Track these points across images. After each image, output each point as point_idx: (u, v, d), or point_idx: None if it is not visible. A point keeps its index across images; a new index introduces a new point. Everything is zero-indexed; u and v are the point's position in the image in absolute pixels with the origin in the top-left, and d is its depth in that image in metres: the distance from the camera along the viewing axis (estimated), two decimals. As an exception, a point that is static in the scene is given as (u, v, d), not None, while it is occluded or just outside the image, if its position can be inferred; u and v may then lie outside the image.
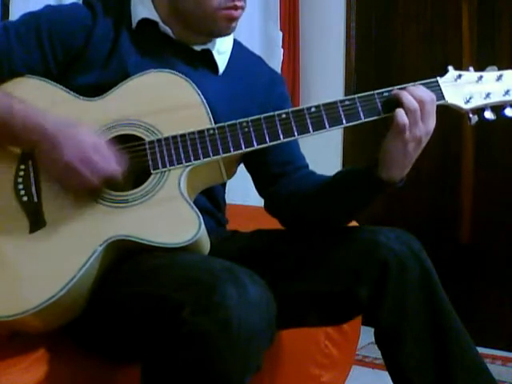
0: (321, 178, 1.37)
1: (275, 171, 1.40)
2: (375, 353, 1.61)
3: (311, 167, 1.46)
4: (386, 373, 1.26)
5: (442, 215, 2.96)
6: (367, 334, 1.38)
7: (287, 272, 1.29)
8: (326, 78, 3.21)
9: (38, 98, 1.22)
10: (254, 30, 2.95)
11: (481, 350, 1.26)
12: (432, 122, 1.21)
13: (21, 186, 1.19)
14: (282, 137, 1.21)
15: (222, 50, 1.38)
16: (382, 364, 1.28)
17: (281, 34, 3.03)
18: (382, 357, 1.27)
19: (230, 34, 1.35)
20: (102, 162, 1.15)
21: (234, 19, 1.30)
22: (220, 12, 1.28)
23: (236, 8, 1.28)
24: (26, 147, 1.20)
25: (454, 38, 2.90)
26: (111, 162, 1.16)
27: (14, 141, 1.20)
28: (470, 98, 1.24)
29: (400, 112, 1.18)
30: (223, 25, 1.30)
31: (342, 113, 1.21)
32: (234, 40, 1.44)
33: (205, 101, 1.24)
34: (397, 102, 1.19)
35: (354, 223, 1.69)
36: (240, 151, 1.21)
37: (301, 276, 1.28)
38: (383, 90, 1.23)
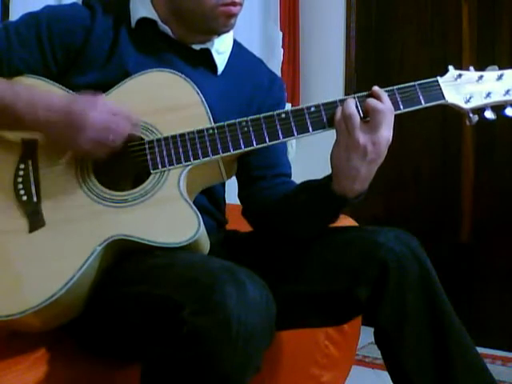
0: (291, 188, 1.35)
1: (255, 174, 1.39)
2: (375, 353, 1.61)
3: (312, 167, 1.45)
4: (386, 373, 1.26)
5: (442, 215, 2.96)
6: (367, 334, 1.38)
7: (287, 272, 1.29)
8: (326, 78, 3.21)
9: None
10: (253, 30, 2.96)
11: (481, 350, 1.26)
12: (382, 134, 1.16)
13: (20, 186, 1.19)
14: (281, 136, 1.21)
15: (221, 49, 1.38)
16: (382, 364, 1.28)
17: (281, 34, 3.03)
18: (382, 357, 1.27)
19: (229, 31, 1.35)
20: (121, 125, 1.16)
21: (233, 15, 1.30)
22: (219, 9, 1.28)
23: (234, 4, 1.28)
24: (32, 127, 1.19)
25: (453, 38, 2.90)
26: (128, 124, 1.17)
27: (19, 122, 1.18)
28: (471, 98, 1.24)
29: (337, 111, 1.18)
30: (222, 22, 1.30)
31: None
32: (234, 40, 1.44)
33: (204, 100, 1.24)
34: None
35: (353, 223, 1.69)
36: (239, 151, 1.21)
37: (300, 276, 1.28)
38: (383, 89, 1.22)
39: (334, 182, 1.21)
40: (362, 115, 1.18)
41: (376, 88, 1.20)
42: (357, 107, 1.18)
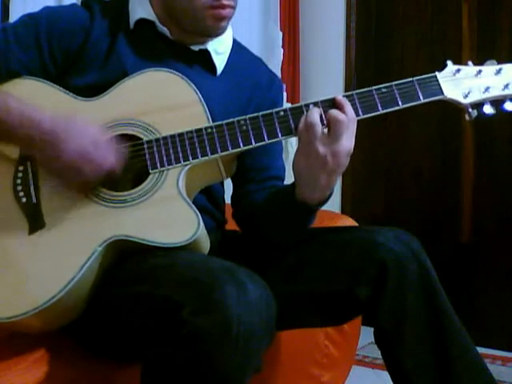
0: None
1: (246, 176, 1.39)
2: (375, 353, 1.61)
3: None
4: (386, 373, 1.26)
5: (442, 214, 2.96)
6: (367, 334, 1.38)
7: (287, 272, 1.29)
8: (326, 77, 3.21)
9: (36, 99, 1.21)
10: (253, 30, 2.96)
11: (481, 350, 1.26)
12: (343, 145, 1.16)
13: (19, 188, 1.19)
14: (280, 135, 1.21)
15: (220, 50, 1.37)
16: (382, 364, 1.28)
17: (281, 34, 3.03)
18: (382, 357, 1.27)
19: (220, 34, 1.33)
20: (101, 158, 1.15)
21: (223, 18, 1.29)
22: (208, 11, 1.27)
23: (223, 7, 1.27)
24: (23, 145, 1.19)
25: (453, 38, 2.90)
26: (110, 158, 1.16)
27: (10, 139, 1.19)
28: (469, 93, 1.23)
29: (302, 119, 1.18)
30: (212, 24, 1.28)
31: None
32: (234, 40, 1.43)
33: (203, 99, 1.24)
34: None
35: (353, 223, 1.69)
36: (238, 149, 1.20)
37: (300, 276, 1.28)
38: (381, 86, 1.22)
39: (296, 189, 1.22)
40: (325, 123, 1.18)
41: (339, 97, 1.20)
42: (321, 115, 1.18)
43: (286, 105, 2.63)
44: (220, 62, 1.37)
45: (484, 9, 2.82)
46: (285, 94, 2.72)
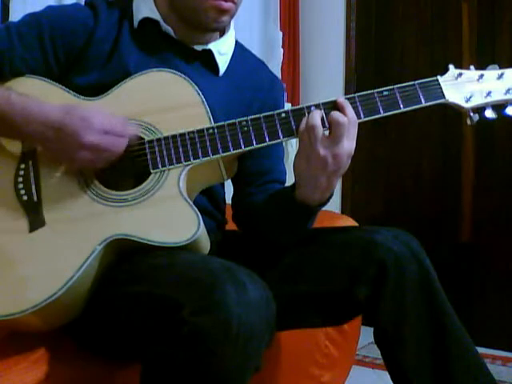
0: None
1: (246, 179, 1.40)
2: (375, 353, 1.62)
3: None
4: (386, 373, 1.26)
5: (443, 214, 2.96)
6: (367, 334, 1.38)
7: (287, 272, 1.29)
8: (325, 78, 3.21)
9: (39, 98, 1.21)
10: (254, 30, 2.96)
11: (481, 350, 1.26)
12: (344, 147, 1.16)
13: (21, 186, 1.19)
14: (281, 136, 1.21)
15: (223, 51, 1.38)
16: (382, 364, 1.28)
17: (281, 34, 3.03)
18: (382, 357, 1.27)
19: (220, 28, 1.34)
20: (120, 132, 1.16)
21: (224, 11, 1.28)
22: (208, 2, 1.27)
23: None
24: (27, 139, 1.19)
25: (453, 38, 2.90)
26: (127, 129, 1.17)
27: (14, 133, 1.19)
28: (471, 97, 1.23)
29: (303, 121, 1.18)
30: (212, 16, 1.28)
31: None
32: (236, 42, 1.44)
33: (204, 100, 1.24)
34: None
35: (353, 223, 1.69)
36: (239, 150, 1.21)
37: (300, 276, 1.28)
38: (383, 89, 1.22)
39: (296, 190, 1.22)
40: (327, 125, 1.18)
41: (340, 99, 1.20)
42: (322, 117, 1.18)
43: (287, 105, 2.64)
44: (223, 63, 1.37)
45: (484, 9, 2.83)
46: (285, 93, 2.72)
